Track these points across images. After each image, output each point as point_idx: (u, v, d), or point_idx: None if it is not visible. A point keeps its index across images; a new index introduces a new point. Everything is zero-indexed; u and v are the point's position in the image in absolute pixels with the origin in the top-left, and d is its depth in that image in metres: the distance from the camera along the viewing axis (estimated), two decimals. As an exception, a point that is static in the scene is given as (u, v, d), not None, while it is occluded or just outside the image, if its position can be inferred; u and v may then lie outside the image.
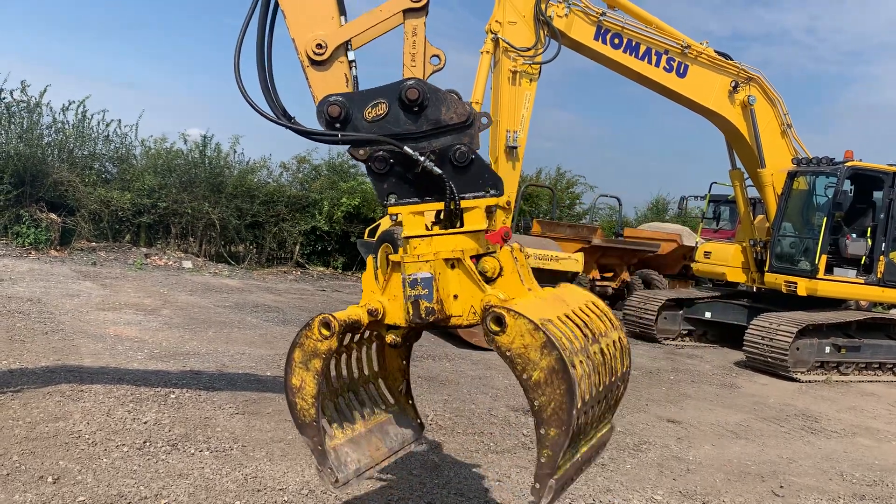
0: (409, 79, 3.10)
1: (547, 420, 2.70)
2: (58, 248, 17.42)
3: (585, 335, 2.91)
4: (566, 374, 2.65)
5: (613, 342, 3.10)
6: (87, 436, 5.22)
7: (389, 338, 3.29)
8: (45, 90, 18.47)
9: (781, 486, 5.70)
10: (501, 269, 3.09)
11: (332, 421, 3.38)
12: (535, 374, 2.69)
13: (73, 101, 18.98)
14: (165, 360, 7.80)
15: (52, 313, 9.81)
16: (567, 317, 2.92)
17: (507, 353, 2.75)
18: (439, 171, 3.07)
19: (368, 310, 3.18)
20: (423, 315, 3.04)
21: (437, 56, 3.33)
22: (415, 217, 3.17)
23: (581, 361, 2.77)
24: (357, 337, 3.54)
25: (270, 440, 5.51)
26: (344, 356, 3.52)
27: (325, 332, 3.08)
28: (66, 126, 18.93)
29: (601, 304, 3.22)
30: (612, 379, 3.06)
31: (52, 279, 13.23)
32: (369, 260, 3.31)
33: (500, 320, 2.76)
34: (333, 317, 3.08)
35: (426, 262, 3.04)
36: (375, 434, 3.53)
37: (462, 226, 3.14)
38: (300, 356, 3.16)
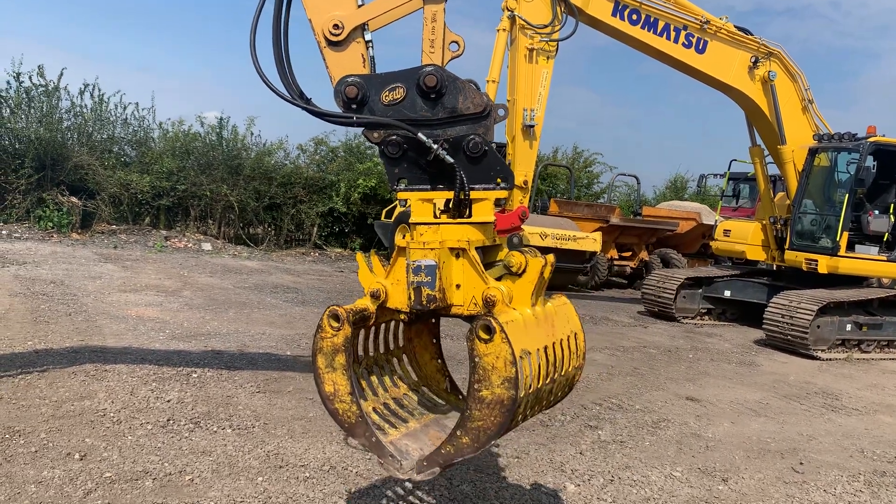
0: (428, 65, 3.09)
1: (468, 429, 2.85)
2: (79, 231, 17.63)
3: (548, 374, 3.00)
4: (509, 412, 2.77)
5: (567, 379, 3.20)
6: (111, 414, 5.32)
7: (402, 315, 3.29)
8: (61, 73, 18.61)
9: (801, 463, 5.70)
10: (524, 272, 3.06)
11: (384, 422, 3.28)
12: (484, 392, 2.81)
13: (89, 84, 19.13)
14: (187, 341, 7.90)
15: (74, 295, 9.95)
16: (546, 351, 2.99)
17: (476, 359, 2.83)
18: (451, 160, 3.06)
19: (371, 292, 3.17)
20: (425, 302, 3.03)
21: (457, 42, 3.32)
22: (423, 204, 3.16)
23: (527, 402, 2.88)
24: (384, 349, 3.56)
25: (291, 418, 5.58)
26: (377, 369, 3.51)
27: (335, 323, 3.07)
28: (85, 110, 19.08)
29: (581, 337, 3.29)
30: (542, 405, 3.16)
31: (74, 262, 13.41)
32: (359, 258, 3.29)
33: (489, 331, 2.79)
34: (338, 306, 3.09)
35: (431, 249, 3.03)
36: (432, 427, 3.45)
37: (470, 216, 3.14)
38: (324, 361, 3.12)
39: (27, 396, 5.53)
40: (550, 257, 3.14)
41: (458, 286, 3.07)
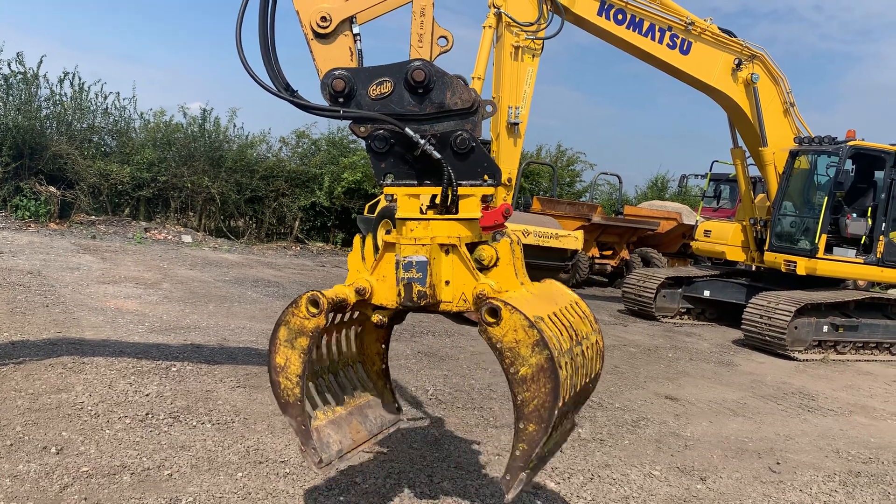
0: (416, 60, 3.08)
1: (528, 415, 2.78)
2: (57, 221, 17.41)
3: (571, 336, 2.97)
4: (554, 373, 2.71)
5: (592, 345, 3.18)
6: (89, 407, 5.25)
7: (376, 318, 3.27)
8: (41, 61, 18.35)
9: (778, 463, 5.76)
10: (498, 259, 3.10)
11: (314, 402, 3.38)
12: (522, 370, 2.75)
13: (69, 73, 18.88)
14: (166, 334, 7.83)
15: (52, 286, 9.82)
16: (556, 316, 2.97)
17: (498, 346, 2.79)
18: (439, 156, 3.05)
19: (356, 289, 3.16)
20: (415, 298, 3.03)
21: (445, 37, 3.31)
22: (410, 199, 3.15)
23: (566, 363, 2.83)
24: (339, 318, 3.55)
25: (272, 413, 5.54)
26: (325, 338, 3.52)
27: (312, 309, 3.05)
28: (65, 98, 18.83)
29: (584, 304, 3.28)
30: (587, 381, 3.14)
31: (52, 252, 13.23)
32: (356, 240, 3.28)
33: (495, 312, 2.77)
34: (322, 294, 3.05)
35: (423, 245, 3.03)
36: (356, 417, 3.52)
37: (457, 212, 3.13)
38: (285, 334, 3.12)
39: (2, 389, 5.44)
40: (514, 237, 3.18)
41: (447, 282, 3.07)
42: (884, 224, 11.69)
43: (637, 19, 10.98)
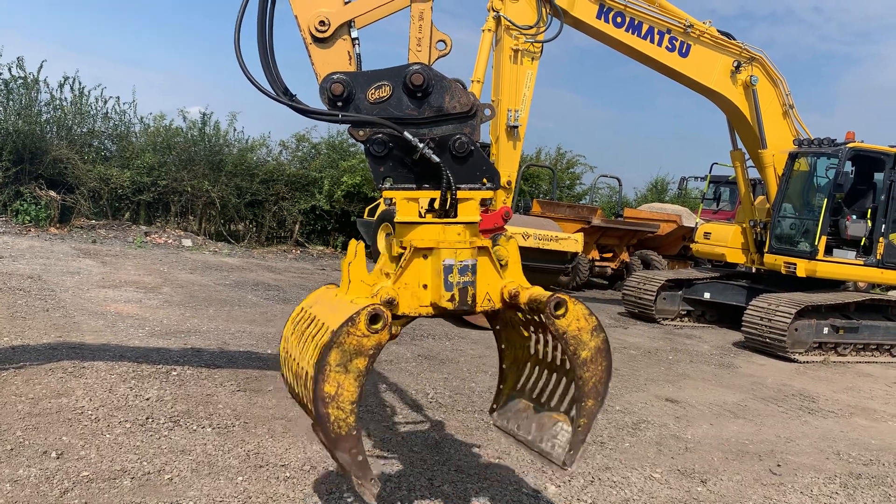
0: (415, 63, 3.09)
1: (587, 392, 3.12)
2: (57, 225, 17.42)
3: None
4: (609, 353, 3.15)
5: None
6: (89, 412, 5.25)
7: (393, 329, 3.00)
8: (41, 66, 18.37)
9: (779, 465, 5.75)
10: (508, 258, 3.22)
11: None
12: (583, 353, 3.09)
13: (69, 77, 18.89)
14: (166, 338, 7.83)
15: (52, 290, 9.83)
16: None
17: (563, 335, 3.05)
18: (437, 160, 3.06)
19: (385, 300, 2.93)
20: (469, 301, 3.05)
21: (444, 41, 3.32)
22: (409, 203, 3.15)
23: None
24: None
25: (272, 417, 5.55)
26: None
27: (375, 325, 2.75)
28: (65, 103, 18.83)
29: None
30: None
31: (52, 256, 13.24)
32: (359, 248, 3.09)
33: (560, 305, 3.01)
34: (383, 307, 2.79)
35: (475, 248, 3.09)
36: None
37: (455, 216, 3.14)
38: (339, 358, 2.70)
39: (3, 393, 5.45)
40: (518, 235, 3.32)
41: None
42: (883, 226, 11.67)
43: (636, 22, 10.99)
